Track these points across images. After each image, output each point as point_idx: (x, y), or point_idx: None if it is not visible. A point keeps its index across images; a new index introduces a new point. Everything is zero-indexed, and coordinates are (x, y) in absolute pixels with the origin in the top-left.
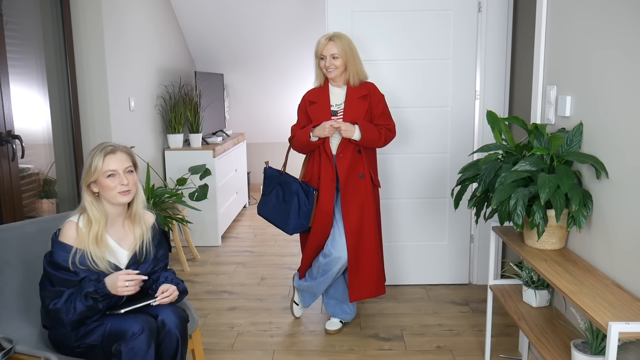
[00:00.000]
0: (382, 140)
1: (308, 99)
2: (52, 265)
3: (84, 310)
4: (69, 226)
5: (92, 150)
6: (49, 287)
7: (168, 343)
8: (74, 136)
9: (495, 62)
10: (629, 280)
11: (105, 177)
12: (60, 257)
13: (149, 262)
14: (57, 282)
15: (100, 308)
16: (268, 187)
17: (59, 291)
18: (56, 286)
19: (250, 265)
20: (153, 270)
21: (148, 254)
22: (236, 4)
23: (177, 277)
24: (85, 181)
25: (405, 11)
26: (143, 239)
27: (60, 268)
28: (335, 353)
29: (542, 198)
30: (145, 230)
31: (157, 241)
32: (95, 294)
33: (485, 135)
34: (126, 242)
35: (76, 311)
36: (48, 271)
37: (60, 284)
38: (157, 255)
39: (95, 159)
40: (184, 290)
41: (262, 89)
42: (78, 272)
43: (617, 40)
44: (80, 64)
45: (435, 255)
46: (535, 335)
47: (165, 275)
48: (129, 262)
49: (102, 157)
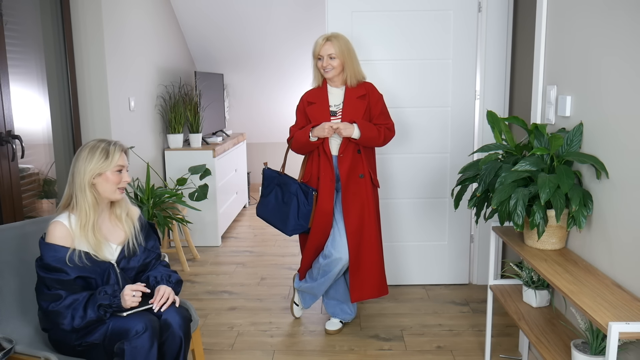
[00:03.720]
0: (381, 139)
1: (306, 99)
2: (43, 269)
3: (94, 319)
4: (55, 226)
5: (95, 143)
6: (45, 291)
7: (171, 343)
8: (74, 136)
9: (495, 62)
10: (629, 280)
11: (114, 171)
12: (50, 258)
13: (139, 254)
14: (52, 284)
15: (107, 319)
16: (267, 188)
17: (56, 294)
18: (52, 289)
19: (250, 265)
20: (145, 261)
21: (140, 245)
22: (236, 3)
23: (167, 269)
24: (94, 172)
25: (405, 11)
26: (133, 231)
27: (52, 270)
28: (335, 353)
29: (542, 198)
30: (132, 223)
31: (146, 233)
32: (109, 307)
33: (485, 135)
34: (115, 237)
35: (86, 318)
36: (41, 275)
37: (55, 286)
38: (148, 247)
39: (114, 151)
40: (179, 281)
41: (262, 89)
42: (71, 271)
43: (617, 40)
44: (80, 64)
45: (435, 255)
46: (535, 335)
47: (154, 275)
48: (119, 256)
49: (119, 151)
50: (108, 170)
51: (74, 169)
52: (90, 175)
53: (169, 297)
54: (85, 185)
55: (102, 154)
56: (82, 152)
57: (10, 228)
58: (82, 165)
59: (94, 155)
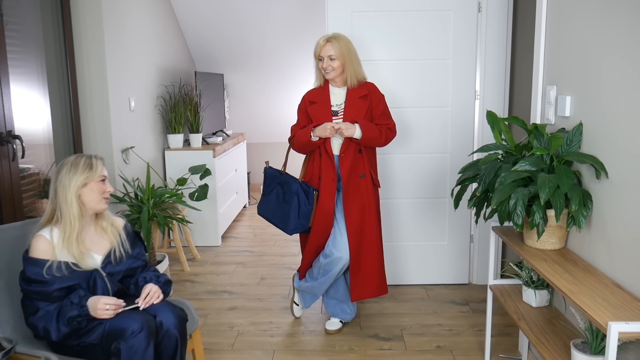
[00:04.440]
0: (382, 139)
1: (308, 99)
2: (25, 282)
3: (68, 332)
4: (38, 240)
5: (75, 158)
6: (27, 303)
7: (167, 343)
8: (74, 136)
9: (495, 62)
10: (628, 280)
11: (98, 181)
12: (32, 272)
13: (125, 260)
14: (31, 295)
15: (83, 326)
16: (268, 187)
17: (34, 307)
18: (33, 301)
19: (250, 265)
20: (132, 266)
21: (126, 252)
22: (236, 3)
23: (155, 272)
24: (80, 183)
25: (405, 11)
26: (118, 239)
27: (32, 282)
28: (335, 353)
29: (542, 198)
30: (117, 232)
31: (131, 241)
32: (78, 318)
33: (485, 135)
34: (99, 248)
35: (61, 332)
36: (24, 288)
37: (34, 298)
38: (134, 254)
39: (96, 162)
40: (167, 281)
41: (263, 89)
42: (51, 282)
43: (617, 40)
44: (81, 63)
45: (435, 255)
46: (535, 335)
47: (143, 276)
48: (104, 261)
49: (101, 163)
50: (93, 181)
51: (57, 184)
52: (76, 186)
53: (157, 296)
54: (72, 197)
55: (86, 166)
56: (63, 168)
57: (10, 228)
58: (65, 178)
59: (78, 168)
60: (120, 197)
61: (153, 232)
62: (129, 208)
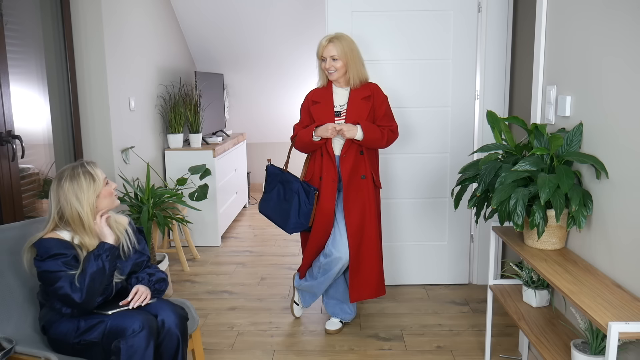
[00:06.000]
0: (384, 141)
1: (311, 98)
2: (44, 259)
3: (94, 271)
4: (48, 237)
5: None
6: (50, 288)
7: (168, 342)
8: (74, 136)
9: (495, 62)
10: (629, 280)
11: (104, 185)
12: (47, 247)
13: (132, 256)
14: (55, 268)
15: (107, 269)
16: (270, 184)
17: (56, 277)
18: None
19: (250, 265)
20: (137, 261)
21: (134, 247)
22: (236, 3)
23: (152, 269)
24: (93, 198)
25: (405, 11)
26: (126, 236)
27: (52, 256)
28: (335, 353)
29: (542, 198)
30: (123, 229)
31: (137, 236)
32: (99, 251)
33: (485, 135)
34: (109, 237)
35: (86, 275)
36: (43, 269)
37: (57, 270)
38: (139, 249)
39: (94, 170)
40: (161, 279)
41: (263, 89)
42: (67, 253)
43: (617, 40)
44: (80, 63)
45: (435, 255)
46: (535, 335)
47: (136, 277)
48: None
49: (97, 168)
50: (101, 189)
51: (61, 200)
52: (90, 203)
53: (145, 296)
54: (88, 211)
55: (88, 178)
56: (64, 183)
57: (10, 228)
58: (72, 197)
59: (81, 183)
60: (120, 197)
61: (153, 232)
62: (129, 208)
